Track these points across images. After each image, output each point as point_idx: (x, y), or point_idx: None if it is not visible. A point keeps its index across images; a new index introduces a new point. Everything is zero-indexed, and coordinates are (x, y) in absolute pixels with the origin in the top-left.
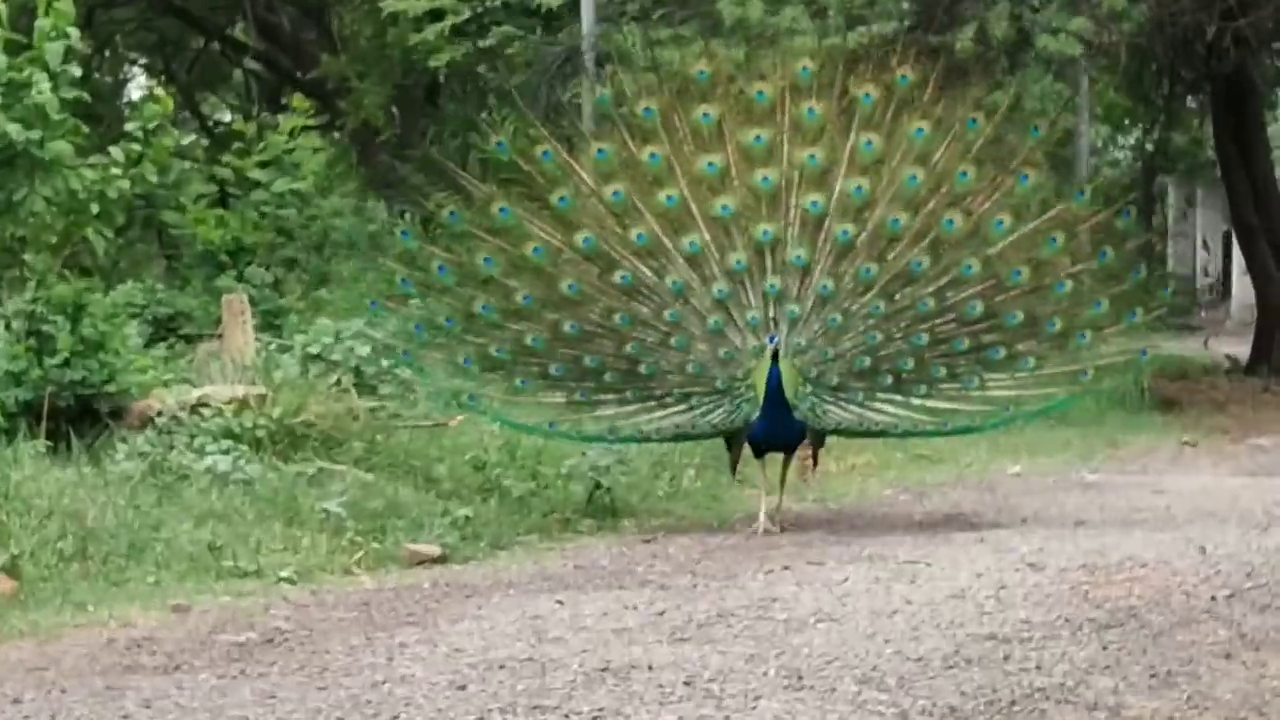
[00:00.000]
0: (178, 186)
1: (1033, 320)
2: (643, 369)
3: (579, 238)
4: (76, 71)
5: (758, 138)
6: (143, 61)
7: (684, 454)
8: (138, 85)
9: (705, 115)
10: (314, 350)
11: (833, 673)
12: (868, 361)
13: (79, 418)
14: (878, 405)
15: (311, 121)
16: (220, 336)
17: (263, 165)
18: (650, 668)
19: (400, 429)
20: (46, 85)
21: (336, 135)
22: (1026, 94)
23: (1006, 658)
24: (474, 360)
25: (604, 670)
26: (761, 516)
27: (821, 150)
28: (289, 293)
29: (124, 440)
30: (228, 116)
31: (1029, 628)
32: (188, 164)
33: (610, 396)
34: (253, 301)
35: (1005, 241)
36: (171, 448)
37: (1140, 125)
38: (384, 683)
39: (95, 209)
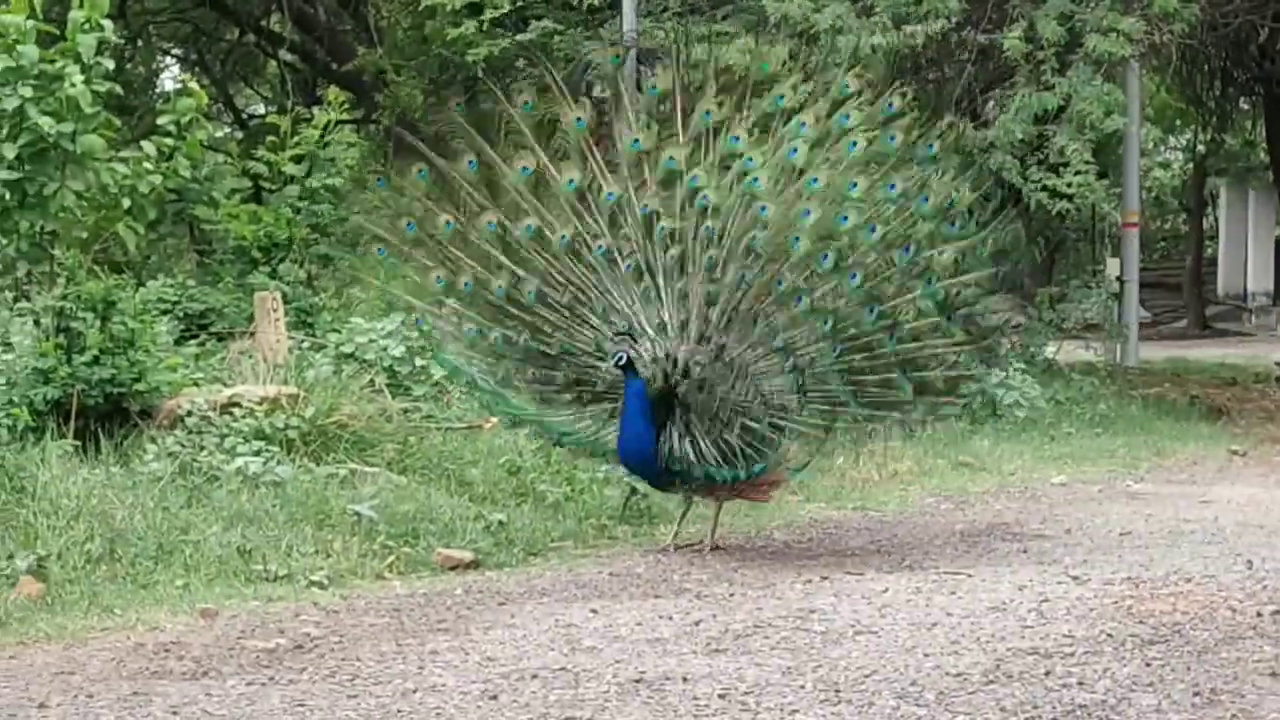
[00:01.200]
0: (210, 181)
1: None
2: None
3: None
4: (109, 64)
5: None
6: (176, 53)
7: None
8: (171, 77)
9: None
10: (347, 349)
11: (871, 686)
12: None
13: (108, 417)
14: (726, 440)
15: (347, 115)
16: (252, 334)
17: (297, 160)
18: (685, 679)
19: (434, 431)
20: (79, 78)
21: (372, 129)
22: (1076, 95)
23: (1048, 673)
24: (445, 279)
25: (638, 681)
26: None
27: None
28: (322, 290)
29: (153, 440)
30: (261, 109)
31: (1071, 642)
32: (221, 158)
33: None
34: (285, 299)
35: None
36: (201, 448)
37: (1192, 127)
38: (415, 691)
39: (126, 204)
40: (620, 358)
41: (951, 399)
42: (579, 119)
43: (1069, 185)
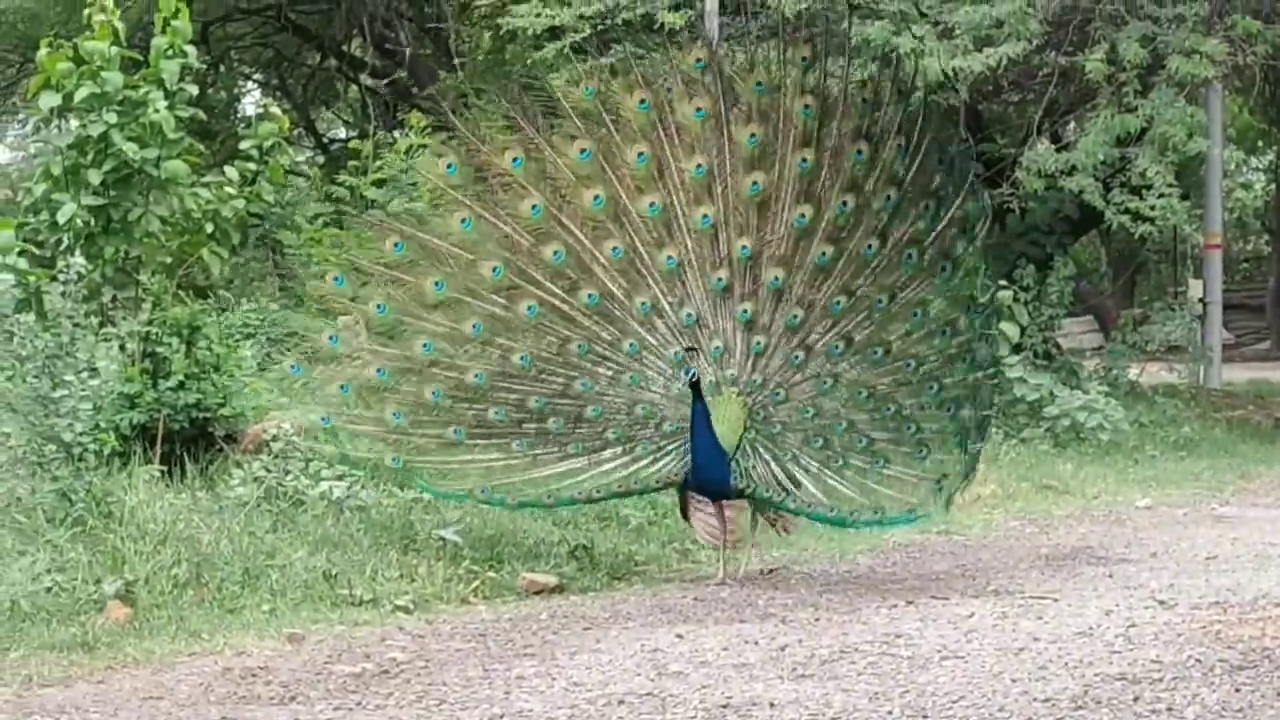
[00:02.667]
0: (293, 205)
1: (945, 402)
2: (590, 411)
3: (550, 249)
4: (193, 90)
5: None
6: (258, 78)
7: None
8: (253, 102)
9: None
10: None
11: (958, 712)
12: (811, 413)
13: (193, 441)
14: (796, 470)
15: (428, 140)
16: None
17: (378, 184)
18: (772, 705)
19: None
20: (163, 104)
21: None
22: (1158, 117)
23: (1136, 699)
24: (404, 412)
25: (725, 707)
26: (721, 567)
27: (811, 154)
28: None
29: (239, 465)
30: (343, 134)
31: (1159, 668)
32: (303, 183)
33: (551, 450)
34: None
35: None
36: (287, 472)
37: (1274, 148)
38: (501, 716)
39: (210, 229)
40: (693, 374)
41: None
42: (699, 108)
43: (1151, 208)
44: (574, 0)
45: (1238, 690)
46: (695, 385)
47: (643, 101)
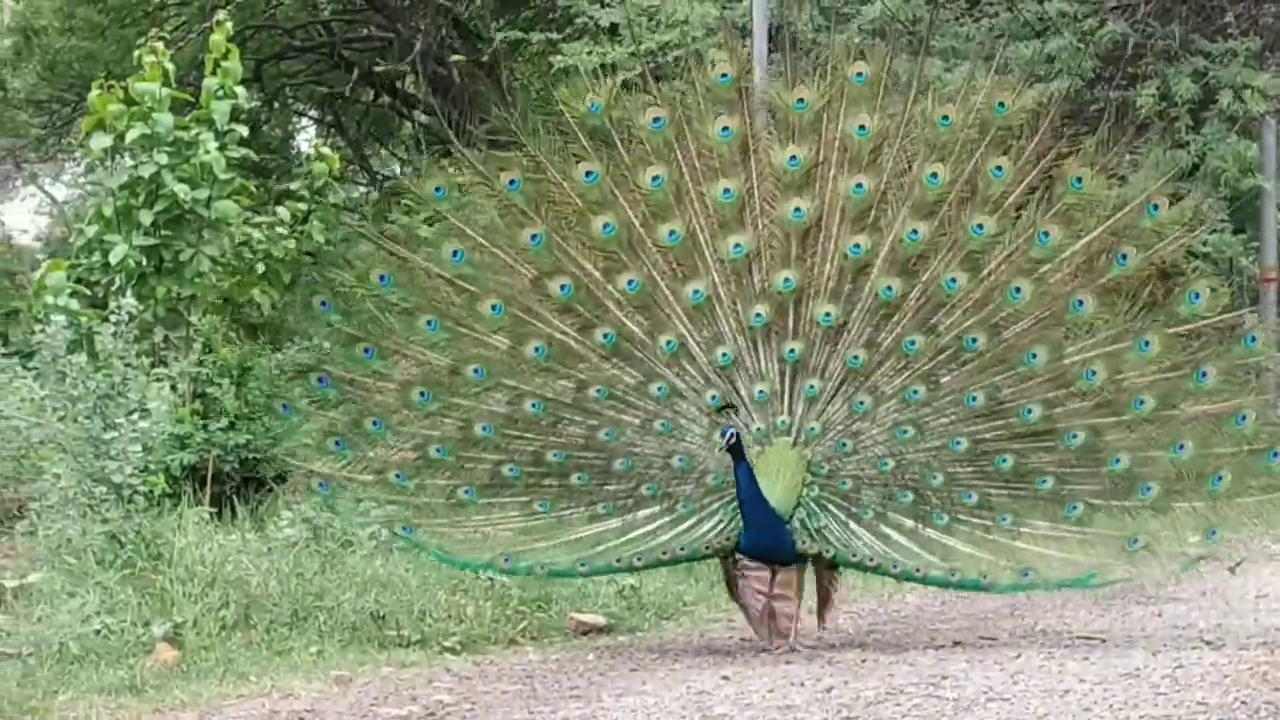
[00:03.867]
0: (345, 244)
1: (1096, 447)
2: (618, 464)
3: (557, 283)
4: (243, 130)
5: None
6: (313, 114)
7: None
8: (307, 139)
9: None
10: None
11: None
12: (890, 464)
13: (243, 482)
14: (886, 529)
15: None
16: None
17: (431, 222)
18: None
19: None
20: (213, 145)
21: None
22: (1210, 153)
23: None
24: (407, 474)
25: None
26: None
27: (869, 179)
28: None
29: (288, 505)
30: (397, 169)
31: (1205, 710)
32: (355, 218)
33: (577, 510)
34: None
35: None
36: (336, 513)
37: None
38: None
39: (261, 269)
40: (730, 435)
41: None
42: (725, 127)
43: (1204, 244)
44: (626, 37)
45: None
46: (734, 447)
47: (657, 120)
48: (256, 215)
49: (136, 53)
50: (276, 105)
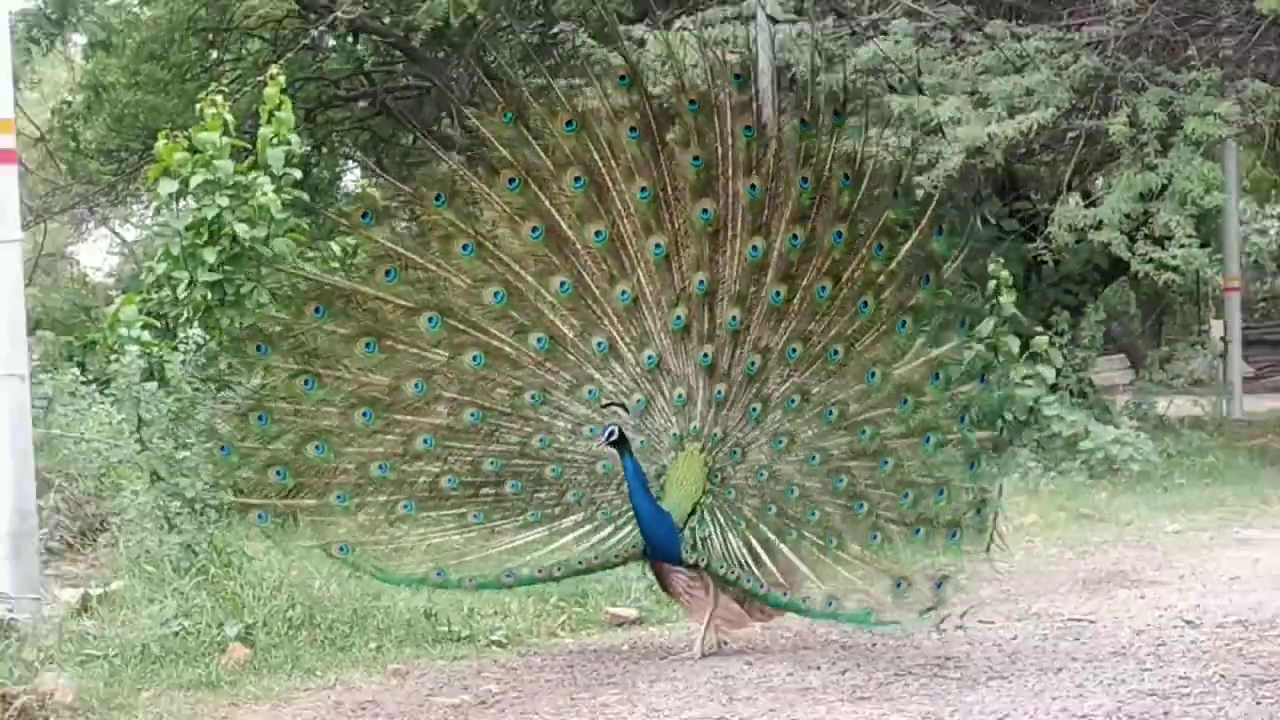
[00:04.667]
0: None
1: (899, 475)
2: (549, 471)
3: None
4: (297, 174)
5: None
6: (358, 157)
7: None
8: (353, 180)
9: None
10: None
11: None
12: (765, 475)
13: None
14: (752, 540)
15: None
16: None
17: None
18: None
19: None
20: (269, 187)
21: None
22: (1178, 174)
23: (1166, 714)
24: (348, 494)
25: None
26: (698, 643)
27: (759, 181)
28: None
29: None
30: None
31: (1187, 684)
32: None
33: (510, 519)
34: None
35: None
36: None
37: None
38: None
39: None
40: (610, 432)
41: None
42: (632, 127)
43: (1174, 257)
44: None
45: (1259, 703)
46: (619, 443)
47: (569, 123)
48: (310, 250)
49: (199, 105)
50: (324, 150)
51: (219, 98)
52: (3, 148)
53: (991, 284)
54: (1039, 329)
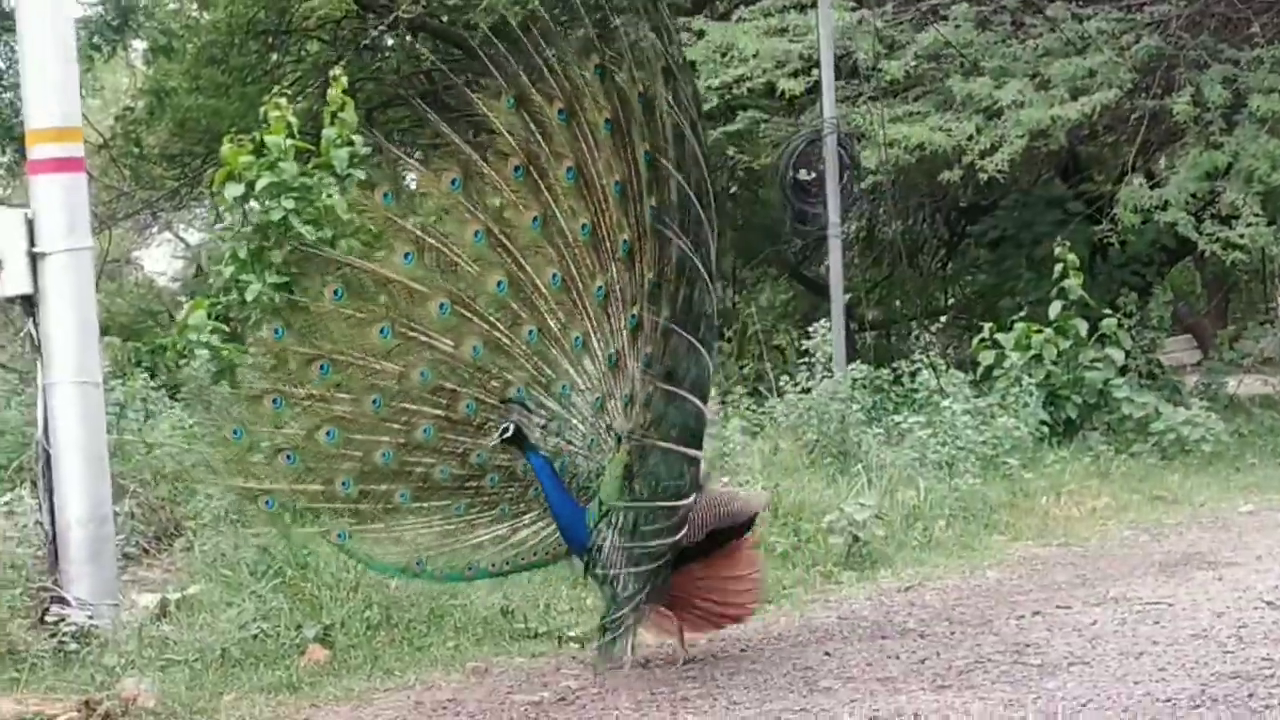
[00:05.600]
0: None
1: None
2: (520, 466)
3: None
4: (360, 175)
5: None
6: (418, 155)
7: (935, 505)
8: (414, 177)
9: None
10: None
11: (1087, 716)
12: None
13: None
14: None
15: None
16: None
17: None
18: (916, 715)
19: None
20: (335, 189)
21: None
22: (1243, 152)
23: (1251, 695)
24: (353, 480)
25: (873, 719)
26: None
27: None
28: None
29: None
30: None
31: (1270, 665)
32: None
33: (485, 513)
34: None
35: None
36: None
37: None
38: None
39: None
40: (504, 429)
41: None
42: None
43: (1240, 236)
44: (702, 72)
45: None
46: (515, 440)
47: (511, 100)
48: (375, 251)
49: (262, 108)
50: (401, 164)
51: (282, 100)
52: (71, 156)
53: (1058, 267)
54: (1107, 311)
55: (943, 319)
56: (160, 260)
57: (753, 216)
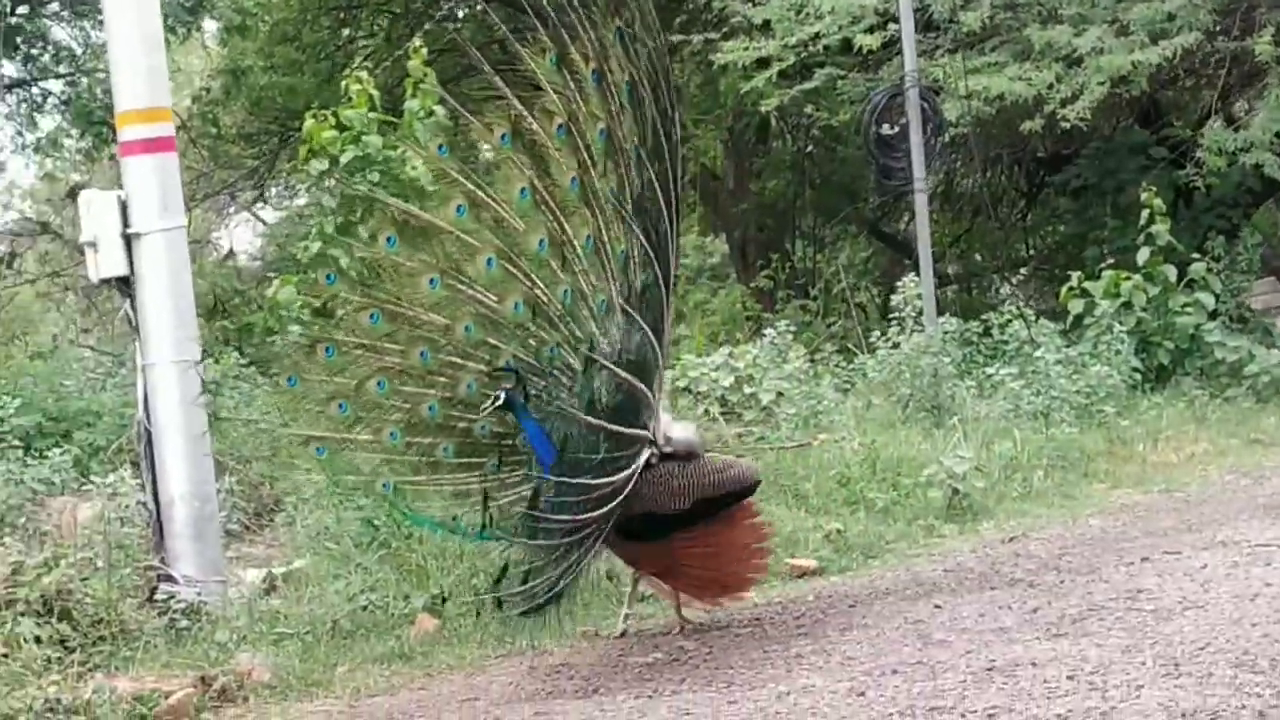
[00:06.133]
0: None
1: None
2: (548, 425)
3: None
4: (443, 146)
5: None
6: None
7: (1032, 456)
8: (490, 149)
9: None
10: (681, 384)
11: (1207, 659)
12: None
13: None
14: None
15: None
16: None
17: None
18: (1034, 664)
19: (767, 451)
20: (419, 161)
21: None
22: None
23: None
24: (400, 431)
25: (990, 670)
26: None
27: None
28: None
29: None
30: None
31: None
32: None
33: (513, 475)
34: None
35: None
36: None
37: None
38: (788, 694)
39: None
40: (496, 398)
41: None
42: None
43: None
44: (778, 31)
45: None
46: (509, 407)
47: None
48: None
49: (344, 82)
50: (461, 121)
51: (363, 74)
52: (161, 136)
53: (1144, 213)
54: (1194, 256)
55: (1024, 270)
56: (239, 240)
57: (831, 175)
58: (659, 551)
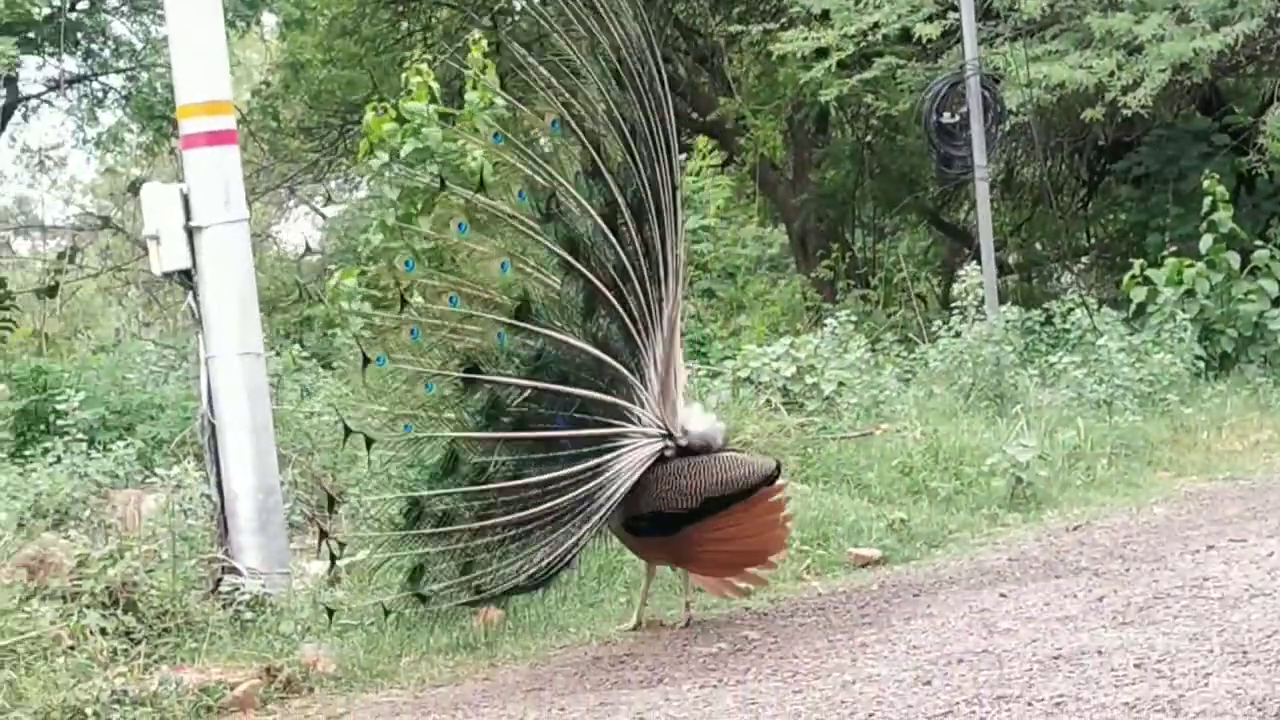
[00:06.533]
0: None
1: None
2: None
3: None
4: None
5: None
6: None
7: (1096, 444)
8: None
9: None
10: (743, 374)
11: (1275, 646)
12: None
13: None
14: None
15: (715, 161)
16: None
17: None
18: (1100, 652)
19: (830, 441)
20: (480, 152)
21: (733, 169)
22: None
23: None
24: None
25: (1057, 658)
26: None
27: None
28: (710, 321)
29: None
30: None
31: None
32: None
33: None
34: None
35: None
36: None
37: None
38: (853, 683)
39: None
40: None
41: None
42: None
43: None
44: (837, 21)
45: None
46: None
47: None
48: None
49: (404, 75)
50: (518, 113)
51: (423, 66)
52: (223, 129)
53: (1206, 201)
54: (1258, 243)
55: (1085, 259)
56: (298, 234)
57: (891, 164)
58: (669, 543)
